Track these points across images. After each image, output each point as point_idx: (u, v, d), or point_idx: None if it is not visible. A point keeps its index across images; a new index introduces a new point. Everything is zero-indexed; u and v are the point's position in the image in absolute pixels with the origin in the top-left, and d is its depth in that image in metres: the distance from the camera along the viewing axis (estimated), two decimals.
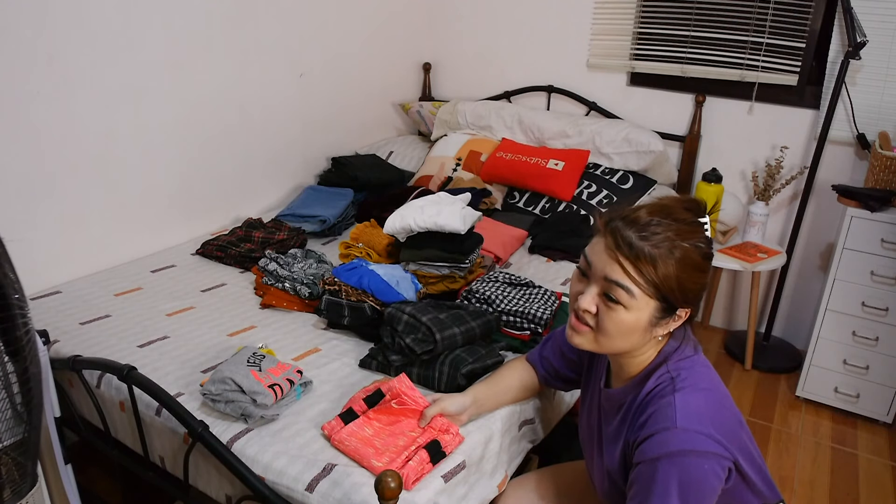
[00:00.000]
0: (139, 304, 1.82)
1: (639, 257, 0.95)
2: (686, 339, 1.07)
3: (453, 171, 2.79)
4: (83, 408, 1.58)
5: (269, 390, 1.32)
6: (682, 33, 2.72)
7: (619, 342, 1.02)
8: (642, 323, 0.99)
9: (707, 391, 1.01)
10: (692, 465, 0.94)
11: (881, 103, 2.41)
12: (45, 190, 1.85)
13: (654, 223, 0.96)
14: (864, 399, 2.35)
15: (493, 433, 1.35)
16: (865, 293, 2.26)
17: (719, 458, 0.95)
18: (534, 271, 2.15)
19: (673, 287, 0.96)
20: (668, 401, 0.98)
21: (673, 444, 0.95)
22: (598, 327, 1.02)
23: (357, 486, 1.16)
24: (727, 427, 0.98)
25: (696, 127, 2.74)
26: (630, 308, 0.98)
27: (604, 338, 1.02)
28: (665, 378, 1.02)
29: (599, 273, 1.00)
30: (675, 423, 0.95)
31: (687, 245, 0.96)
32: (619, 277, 0.97)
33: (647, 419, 1.00)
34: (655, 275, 0.95)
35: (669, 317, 1.01)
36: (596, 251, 1.01)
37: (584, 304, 1.02)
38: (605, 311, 1.00)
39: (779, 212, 2.74)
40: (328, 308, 1.70)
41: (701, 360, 1.06)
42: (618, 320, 0.99)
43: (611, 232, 0.99)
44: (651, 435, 0.97)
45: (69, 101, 1.85)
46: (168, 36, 2.06)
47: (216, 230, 2.37)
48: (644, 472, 0.97)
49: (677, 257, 0.95)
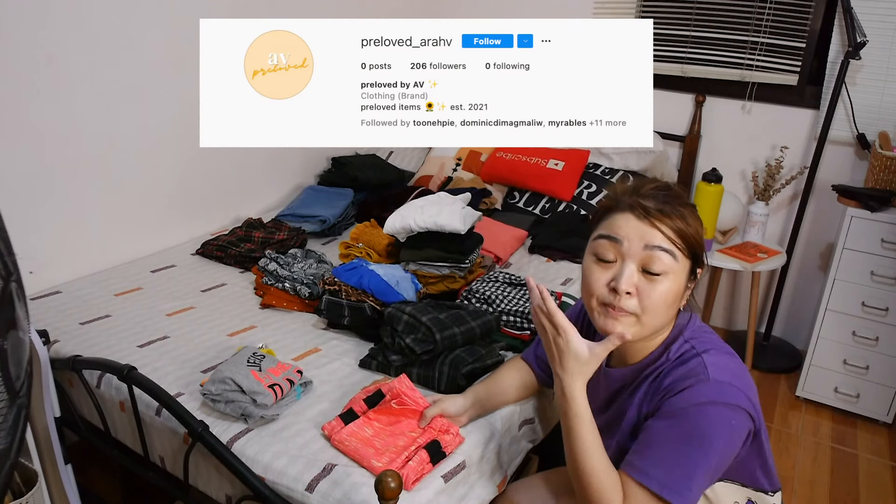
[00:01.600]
0: (139, 304, 1.82)
1: (672, 217, 0.99)
2: (693, 309, 1.09)
3: (453, 171, 2.79)
4: (83, 408, 1.57)
5: (269, 390, 1.32)
6: (681, 33, 2.72)
7: (662, 317, 1.01)
8: (681, 288, 1.01)
9: (731, 355, 1.03)
10: (722, 418, 0.95)
11: (881, 103, 2.41)
12: (45, 190, 1.85)
13: (661, 190, 1.03)
14: (864, 399, 2.35)
15: (493, 433, 1.35)
16: (865, 293, 2.26)
17: (747, 416, 0.96)
18: (534, 271, 2.15)
19: (701, 241, 1.02)
20: (697, 361, 1.00)
21: (707, 395, 0.95)
22: (643, 307, 0.99)
23: (357, 487, 1.16)
24: (752, 387, 1.00)
25: (696, 127, 2.74)
26: (672, 273, 0.99)
27: (649, 316, 1.00)
28: (686, 346, 1.03)
29: (637, 244, 0.99)
30: (708, 377, 0.97)
31: (689, 205, 1.03)
32: (662, 242, 0.98)
33: (674, 380, 1.00)
34: (689, 230, 1.00)
35: (694, 279, 1.04)
36: (625, 226, 1.01)
37: (626, 286, 0.98)
38: (648, 286, 0.99)
39: (779, 212, 2.74)
40: (328, 308, 1.70)
41: (711, 331, 1.08)
42: (663, 291, 0.99)
43: (634, 205, 1.01)
44: (685, 388, 0.98)
45: (69, 101, 1.85)
46: (168, 36, 2.06)
47: (216, 230, 2.37)
48: (672, 423, 0.97)
49: (690, 212, 1.02)
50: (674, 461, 0.96)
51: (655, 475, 0.97)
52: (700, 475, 0.96)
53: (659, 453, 0.98)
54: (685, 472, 0.96)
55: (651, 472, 0.98)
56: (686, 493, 0.96)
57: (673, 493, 0.96)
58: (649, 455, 0.99)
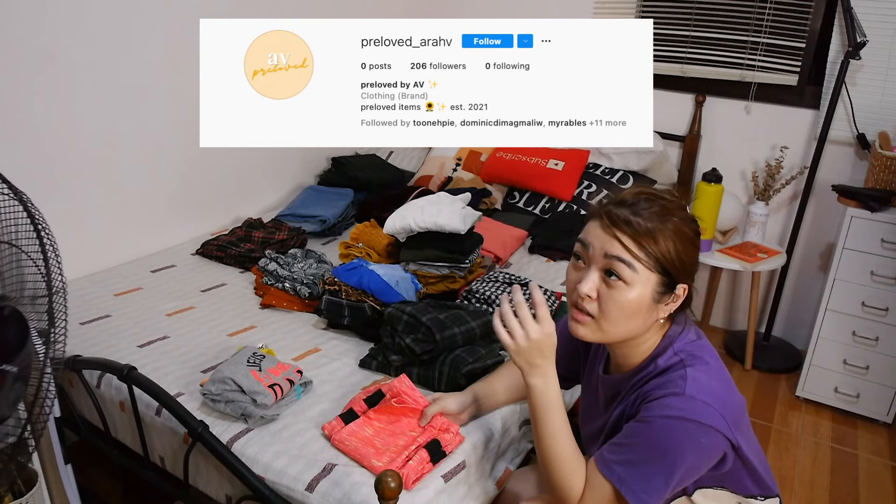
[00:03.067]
0: (139, 304, 1.82)
1: (637, 231, 0.98)
2: (688, 324, 1.08)
3: (453, 171, 2.79)
4: (83, 408, 1.58)
5: (269, 390, 1.32)
6: (681, 33, 2.72)
7: (624, 326, 1.01)
8: (645, 301, 1.00)
9: (720, 373, 1.03)
10: (690, 435, 0.95)
11: (881, 103, 2.41)
12: (45, 190, 1.84)
13: (643, 200, 1.01)
14: (864, 399, 2.35)
15: (493, 433, 1.35)
16: (865, 293, 2.26)
17: (719, 437, 0.96)
18: (534, 271, 2.15)
19: (672, 258, 0.99)
20: (679, 373, 1.00)
21: (678, 410, 0.95)
22: (602, 312, 1.01)
23: (357, 486, 1.16)
24: (733, 409, 0.99)
25: (696, 127, 2.74)
26: (632, 284, 0.98)
27: (607, 323, 1.01)
28: (674, 359, 1.03)
29: (599, 252, 1.00)
30: (683, 391, 0.97)
31: (676, 218, 1.00)
32: (620, 252, 0.98)
33: (652, 388, 1.01)
34: (655, 246, 0.98)
35: (669, 294, 1.02)
36: (592, 232, 1.02)
37: (585, 290, 1.01)
38: (608, 292, 1.00)
39: (779, 212, 2.74)
40: (328, 308, 1.70)
41: (707, 346, 1.07)
42: (621, 300, 0.99)
43: (604, 213, 1.01)
44: (659, 397, 0.98)
45: (69, 101, 1.85)
46: (168, 36, 2.06)
47: (216, 230, 2.37)
48: (642, 428, 0.98)
49: (671, 228, 0.99)
50: (637, 464, 0.98)
51: (618, 471, 1.00)
52: (660, 484, 0.97)
53: (626, 452, 1.00)
54: (645, 477, 0.97)
55: (615, 468, 1.00)
56: (642, 496, 0.98)
57: (630, 492, 0.98)
58: (617, 451, 1.01)
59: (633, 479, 0.98)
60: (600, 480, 1.02)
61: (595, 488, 1.03)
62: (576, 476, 1.05)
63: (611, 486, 1.01)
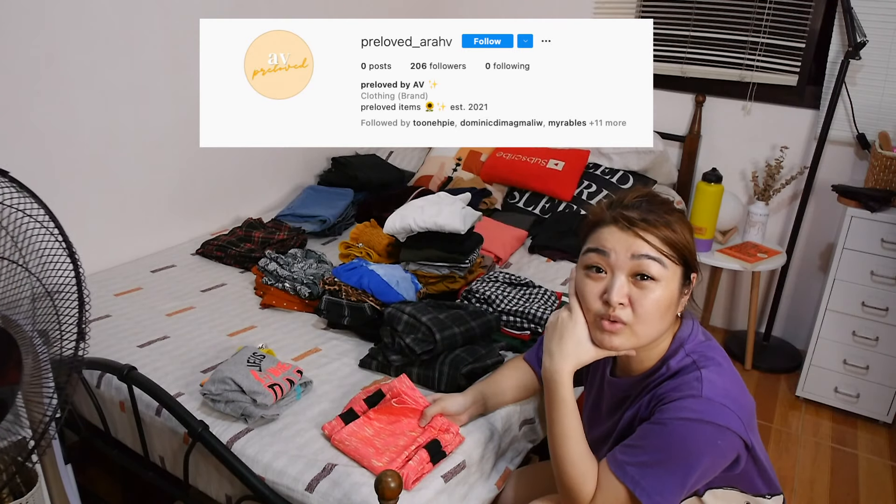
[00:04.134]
0: (139, 304, 1.82)
1: (657, 227, 0.99)
2: (695, 324, 1.08)
3: (453, 171, 2.79)
4: (83, 408, 1.57)
5: (269, 390, 1.32)
6: (681, 33, 2.72)
7: (657, 326, 1.01)
8: (675, 295, 1.01)
9: (733, 374, 1.03)
10: (708, 437, 0.94)
11: (881, 103, 2.41)
12: (45, 190, 1.83)
13: (644, 200, 1.04)
14: (864, 399, 2.35)
15: (493, 433, 1.35)
16: (865, 293, 2.26)
17: (735, 438, 0.96)
18: (534, 271, 2.15)
19: (689, 247, 1.02)
20: (694, 375, 0.99)
21: (696, 412, 0.95)
22: (636, 316, 1.00)
23: (357, 486, 1.16)
24: (747, 410, 0.99)
25: (696, 127, 2.74)
26: (662, 280, 0.99)
27: (642, 325, 1.00)
28: (686, 360, 1.03)
29: (624, 255, 1.00)
30: (700, 393, 0.96)
31: (675, 211, 1.04)
32: (648, 250, 0.99)
33: (668, 390, 1.00)
34: (675, 237, 1.00)
35: (688, 285, 1.04)
36: (610, 238, 1.01)
37: (618, 297, 0.99)
38: (640, 294, 0.99)
39: (779, 212, 2.74)
40: (328, 308, 1.70)
41: (716, 347, 1.07)
42: (655, 299, 0.99)
43: (617, 217, 1.01)
44: (676, 399, 0.97)
45: (69, 101, 1.85)
46: (168, 36, 2.06)
47: (216, 230, 2.37)
48: (658, 430, 0.97)
49: (678, 219, 1.02)
50: (652, 466, 0.97)
51: (632, 473, 0.99)
52: (675, 486, 0.97)
53: (640, 454, 0.99)
54: (660, 479, 0.97)
55: (628, 470, 0.99)
56: (657, 498, 0.97)
57: (645, 494, 0.97)
58: (631, 453, 1.00)
59: (647, 481, 0.97)
60: (613, 482, 1.01)
61: (607, 490, 1.01)
62: (589, 478, 1.04)
63: (624, 489, 0.99)
